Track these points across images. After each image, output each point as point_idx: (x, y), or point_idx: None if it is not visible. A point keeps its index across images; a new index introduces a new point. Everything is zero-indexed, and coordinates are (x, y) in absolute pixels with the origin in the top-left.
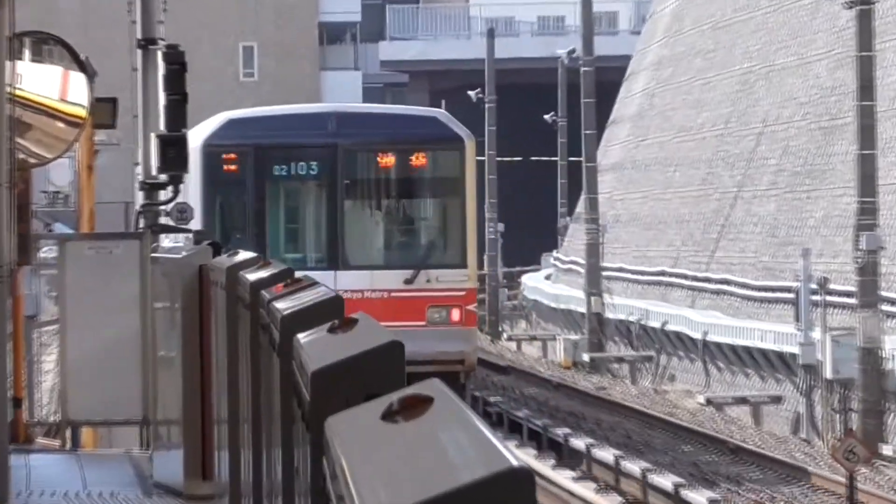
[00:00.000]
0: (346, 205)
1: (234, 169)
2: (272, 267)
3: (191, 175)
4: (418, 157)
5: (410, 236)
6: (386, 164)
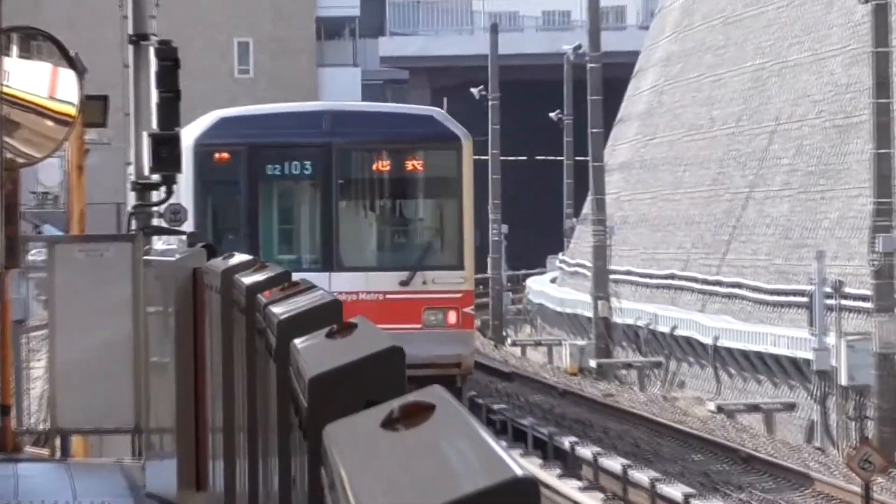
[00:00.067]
0: (340, 205)
1: (227, 168)
2: (268, 270)
3: (182, 175)
4: (414, 156)
5: (406, 237)
6: (381, 163)
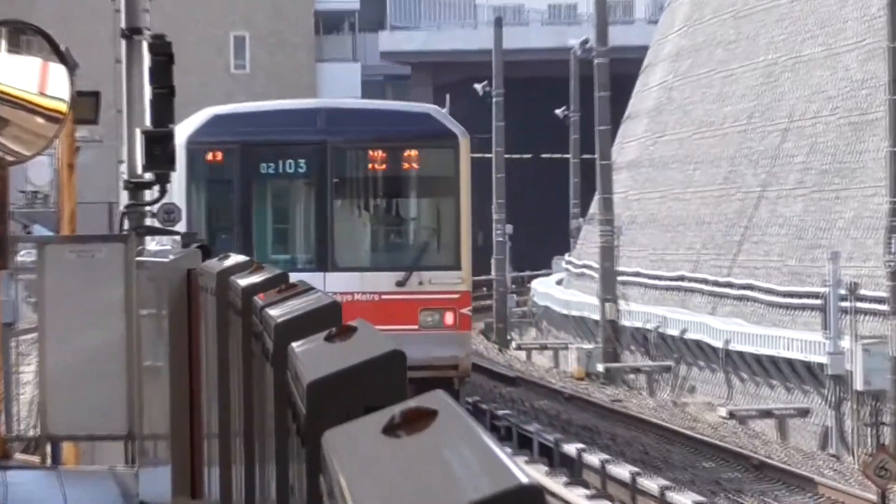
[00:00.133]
0: (335, 204)
1: (220, 167)
2: (265, 271)
3: (174, 174)
4: (410, 154)
5: (402, 237)
6: (377, 161)
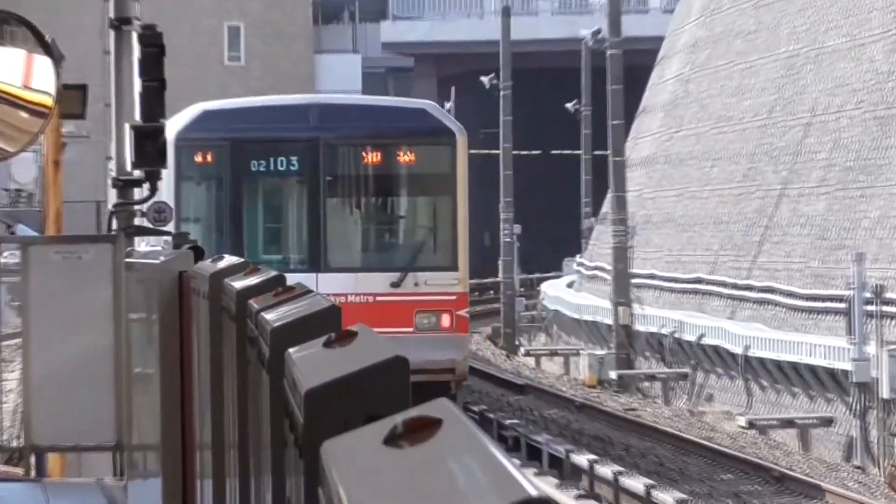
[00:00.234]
0: (328, 203)
1: (209, 164)
2: (260, 273)
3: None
4: (406, 151)
5: (397, 237)
6: (371, 159)
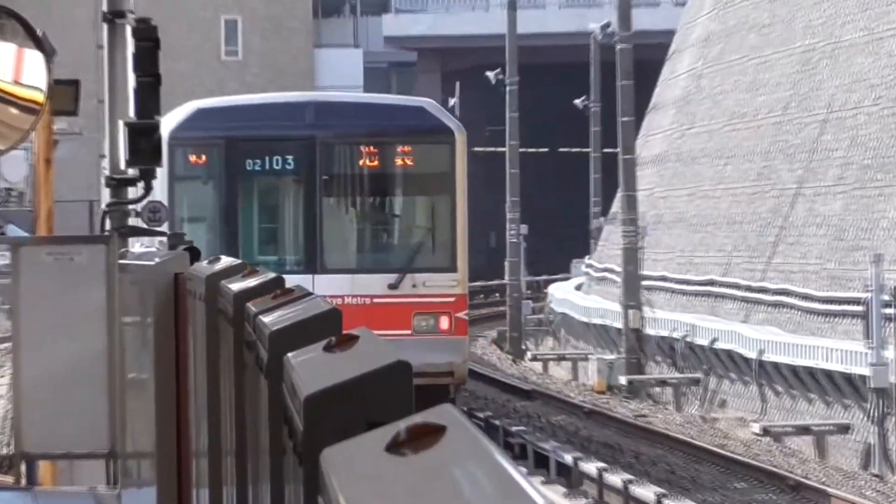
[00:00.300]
0: (324, 203)
1: (203, 164)
2: (258, 275)
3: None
4: (404, 150)
5: (395, 237)
6: (369, 158)
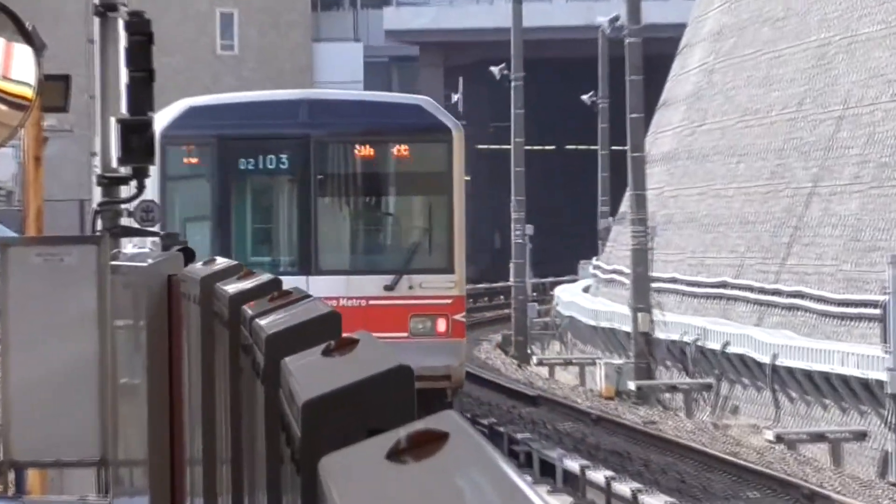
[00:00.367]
0: (319, 203)
1: (196, 163)
2: (255, 277)
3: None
4: (400, 149)
5: (391, 238)
6: (364, 157)
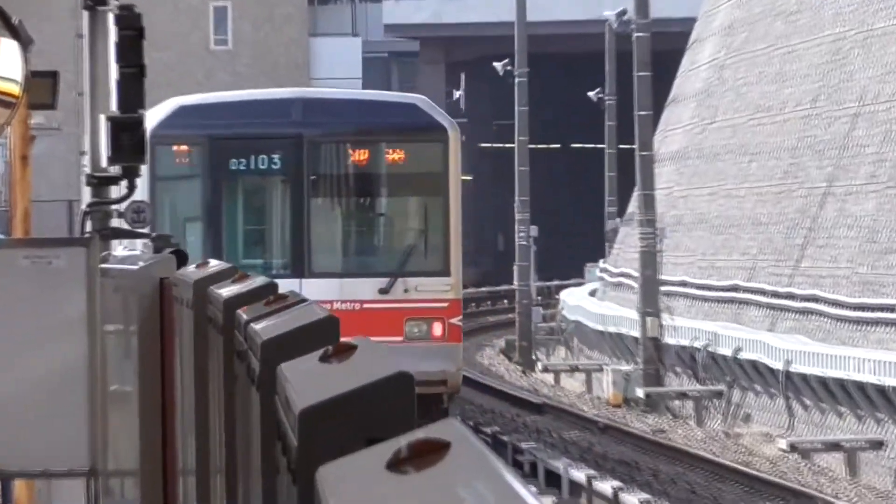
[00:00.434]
0: (312, 204)
1: (186, 163)
2: (249, 280)
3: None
4: (395, 149)
5: (386, 240)
6: (358, 157)
